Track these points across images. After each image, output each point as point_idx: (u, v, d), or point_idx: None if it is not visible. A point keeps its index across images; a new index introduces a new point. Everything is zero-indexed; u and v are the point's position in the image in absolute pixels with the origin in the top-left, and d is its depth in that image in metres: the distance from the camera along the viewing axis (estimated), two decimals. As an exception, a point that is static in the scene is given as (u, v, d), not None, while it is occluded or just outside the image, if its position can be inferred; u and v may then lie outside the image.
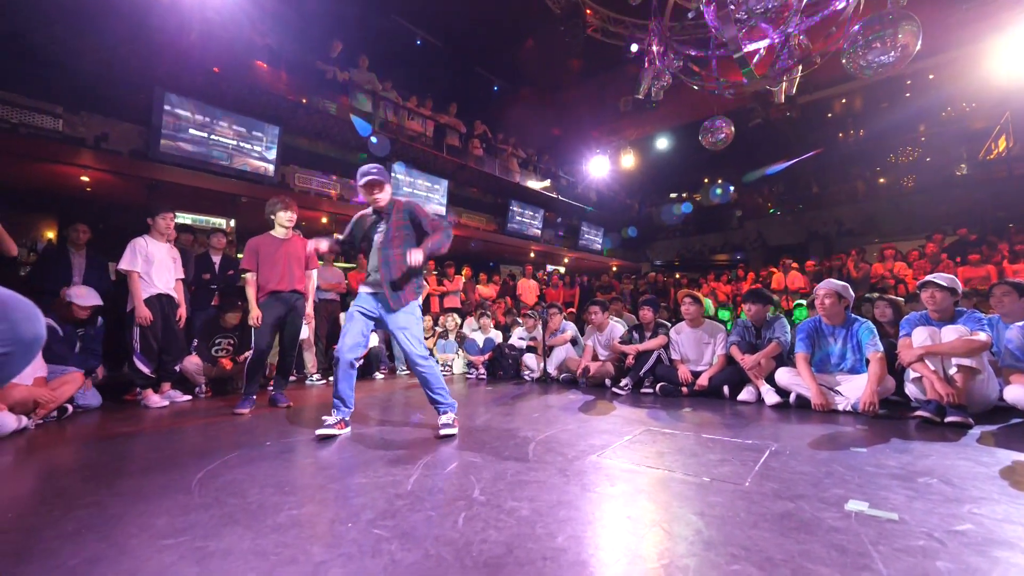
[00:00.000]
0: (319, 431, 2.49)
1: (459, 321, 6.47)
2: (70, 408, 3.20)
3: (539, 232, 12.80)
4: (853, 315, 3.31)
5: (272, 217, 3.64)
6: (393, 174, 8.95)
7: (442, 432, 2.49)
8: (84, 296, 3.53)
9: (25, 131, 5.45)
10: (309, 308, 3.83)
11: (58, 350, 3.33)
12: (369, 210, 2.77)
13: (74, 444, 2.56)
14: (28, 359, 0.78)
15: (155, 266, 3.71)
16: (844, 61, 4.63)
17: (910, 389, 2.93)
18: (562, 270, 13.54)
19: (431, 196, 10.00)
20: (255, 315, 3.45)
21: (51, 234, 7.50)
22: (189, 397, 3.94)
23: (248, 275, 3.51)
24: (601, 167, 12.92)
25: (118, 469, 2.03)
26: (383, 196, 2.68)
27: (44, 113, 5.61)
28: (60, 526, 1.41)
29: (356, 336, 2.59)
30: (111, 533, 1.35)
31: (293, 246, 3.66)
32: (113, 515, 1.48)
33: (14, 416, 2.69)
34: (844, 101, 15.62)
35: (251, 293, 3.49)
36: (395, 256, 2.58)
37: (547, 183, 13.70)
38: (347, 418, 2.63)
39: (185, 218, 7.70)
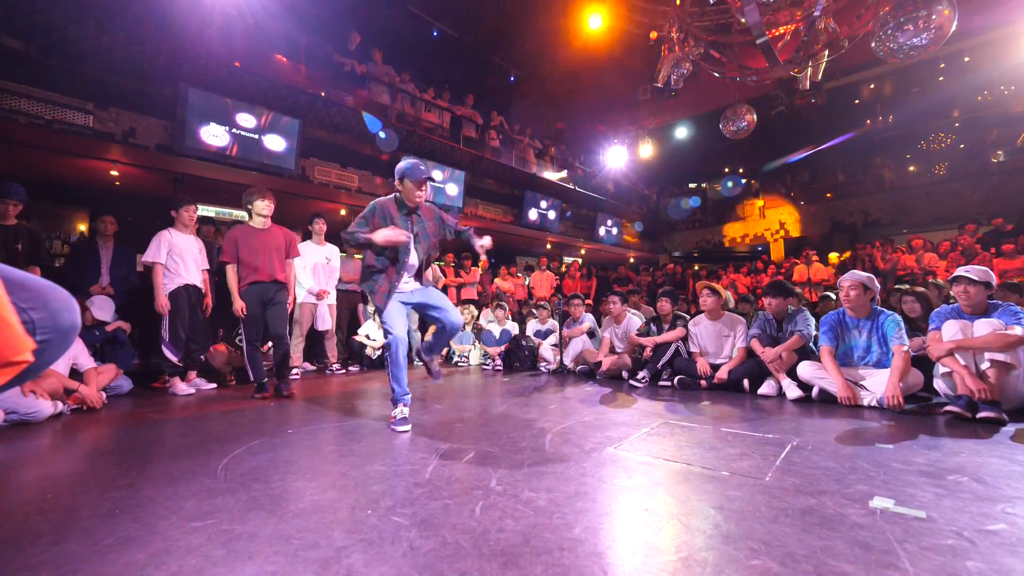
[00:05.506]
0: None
1: (476, 313, 6.49)
2: (104, 396, 3.32)
3: (555, 223, 12.73)
4: (879, 307, 3.22)
5: (249, 207, 3.58)
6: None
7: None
8: (98, 307, 3.68)
9: (58, 127, 5.63)
10: (295, 296, 3.80)
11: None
12: (391, 200, 2.72)
13: (107, 429, 2.65)
14: (65, 347, 0.81)
15: (180, 257, 3.81)
16: (873, 44, 4.44)
17: (939, 384, 2.84)
18: (580, 261, 13.47)
19: (448, 187, 10.04)
20: (239, 306, 3.43)
21: (83, 227, 7.77)
22: (214, 385, 4.05)
23: (228, 266, 3.48)
24: (619, 157, 12.75)
25: (149, 453, 2.11)
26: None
27: (76, 109, 5.78)
28: (96, 506, 1.47)
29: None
30: (143, 515, 1.40)
31: (272, 236, 3.61)
32: (145, 497, 1.54)
33: (51, 402, 2.81)
34: (873, 86, 15.06)
35: (232, 284, 3.47)
36: (434, 254, 2.88)
37: (563, 174, 13.56)
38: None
39: (208, 211, 7.88)
